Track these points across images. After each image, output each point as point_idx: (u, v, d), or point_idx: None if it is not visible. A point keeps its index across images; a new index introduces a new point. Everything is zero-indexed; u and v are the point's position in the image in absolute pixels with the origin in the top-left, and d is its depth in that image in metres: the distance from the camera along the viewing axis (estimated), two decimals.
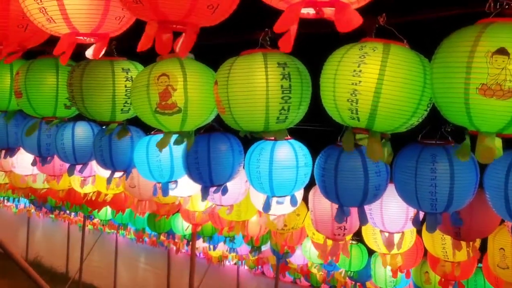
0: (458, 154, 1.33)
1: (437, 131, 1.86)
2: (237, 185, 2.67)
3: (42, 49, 2.16)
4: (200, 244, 6.51)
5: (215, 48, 2.02)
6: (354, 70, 1.34)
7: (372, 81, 1.32)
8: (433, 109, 1.45)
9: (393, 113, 1.35)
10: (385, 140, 1.46)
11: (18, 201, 8.92)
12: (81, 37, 1.35)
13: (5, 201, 10.92)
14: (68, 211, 8.83)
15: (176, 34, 1.28)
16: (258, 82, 1.54)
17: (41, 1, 1.29)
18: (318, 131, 2.63)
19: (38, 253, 12.82)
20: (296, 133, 2.18)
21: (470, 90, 1.17)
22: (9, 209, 12.70)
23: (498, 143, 1.22)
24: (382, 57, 1.32)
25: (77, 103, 1.97)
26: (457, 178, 1.71)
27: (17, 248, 12.81)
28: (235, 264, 9.06)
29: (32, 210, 11.69)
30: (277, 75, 1.55)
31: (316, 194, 2.56)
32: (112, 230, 10.12)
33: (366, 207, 2.27)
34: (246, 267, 8.90)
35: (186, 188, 2.80)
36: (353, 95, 1.34)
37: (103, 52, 1.36)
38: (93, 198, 4.08)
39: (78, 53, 1.63)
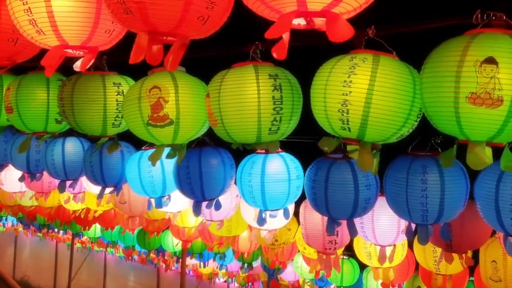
0: (442, 160, 1.34)
1: (427, 142, 1.87)
2: (228, 200, 2.65)
3: (33, 65, 2.16)
4: (190, 261, 6.43)
5: (206, 61, 2.03)
6: (345, 81, 1.35)
7: (363, 91, 1.33)
8: (422, 121, 1.47)
9: (384, 123, 1.36)
10: (376, 151, 1.47)
11: (6, 219, 8.76)
12: (70, 50, 1.35)
13: None
14: (56, 229, 8.70)
15: (168, 47, 1.28)
16: (250, 94, 1.55)
17: (31, 13, 1.29)
18: (309, 143, 2.63)
19: (25, 273, 12.58)
20: (287, 145, 2.19)
21: (460, 99, 1.18)
22: None
23: (488, 151, 1.23)
24: (372, 67, 1.34)
25: (68, 118, 1.96)
26: (448, 188, 1.72)
27: (4, 267, 12.58)
28: (225, 281, 8.96)
29: (20, 229, 11.49)
30: (268, 86, 1.56)
31: (307, 208, 2.56)
32: (101, 248, 9.98)
33: (358, 220, 2.28)
34: (236, 284, 8.79)
35: (175, 204, 2.78)
36: (344, 105, 1.35)
37: (90, 64, 1.35)
38: (82, 215, 4.03)
39: (67, 67, 1.63)
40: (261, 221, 2.17)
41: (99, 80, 1.94)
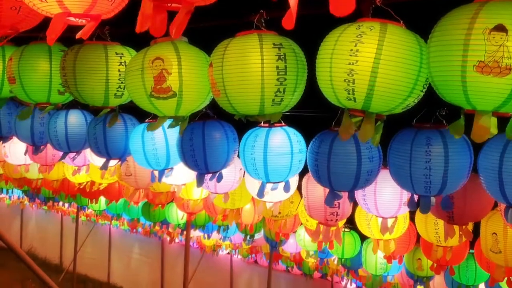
0: (451, 130, 1.33)
1: (432, 115, 1.86)
2: (232, 173, 2.67)
3: (35, 35, 2.14)
4: (193, 233, 6.51)
5: (209, 32, 2.00)
6: (351, 50, 1.33)
7: (369, 60, 1.32)
8: (428, 93, 1.46)
9: (390, 93, 1.35)
10: (380, 122, 1.46)
11: (12, 192, 8.84)
12: (73, 18, 1.33)
13: None
14: (61, 202, 8.78)
15: (171, 17, 1.26)
16: (253, 63, 1.53)
17: None
18: (312, 117, 2.63)
19: (32, 245, 12.80)
20: (291, 119, 2.18)
21: (467, 68, 1.17)
22: (2, 201, 12.61)
23: (493, 122, 1.22)
24: (379, 36, 1.32)
25: (70, 88, 1.95)
26: (452, 160, 1.72)
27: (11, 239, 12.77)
28: (228, 253, 9.09)
29: (26, 202, 11.62)
30: (272, 55, 1.54)
31: (309, 180, 2.57)
32: (106, 221, 10.10)
33: (360, 193, 2.30)
34: (239, 256, 8.93)
35: (180, 176, 2.80)
36: (350, 75, 1.33)
37: (92, 31, 1.33)
38: (87, 188, 4.06)
39: (69, 38, 1.61)
40: (260, 193, 2.18)
41: (101, 50, 1.92)
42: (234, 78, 1.55)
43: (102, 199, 5.91)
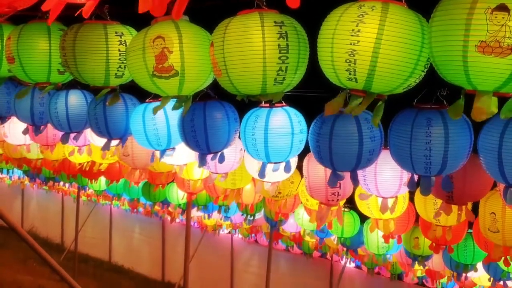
0: (450, 112, 1.34)
1: (432, 95, 1.86)
2: (232, 153, 2.68)
3: (34, 13, 2.11)
4: (194, 213, 6.56)
5: (210, 10, 1.98)
6: (353, 30, 1.32)
7: (371, 40, 1.31)
8: (428, 73, 1.45)
9: (391, 73, 1.34)
10: (381, 102, 1.46)
11: (12, 172, 8.89)
12: None
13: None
14: (62, 182, 8.82)
15: None
16: (255, 41, 1.51)
17: None
18: (314, 97, 2.62)
19: (33, 224, 12.89)
20: (292, 99, 2.18)
21: (469, 48, 1.16)
22: (3, 181, 12.66)
23: (494, 102, 1.22)
24: (380, 16, 1.31)
25: (70, 67, 1.94)
26: (452, 141, 1.72)
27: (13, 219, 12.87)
28: (229, 232, 9.17)
29: (26, 182, 11.66)
30: (274, 33, 1.52)
31: (310, 160, 2.58)
32: (106, 201, 10.15)
33: (360, 173, 2.30)
34: (240, 236, 9.01)
35: (181, 157, 2.81)
36: (351, 55, 1.33)
37: (93, 9, 1.32)
38: (87, 168, 4.07)
39: (68, 17, 1.59)
40: (262, 173, 2.19)
41: (101, 29, 1.91)
42: (235, 57, 1.54)
43: (103, 179, 5.94)
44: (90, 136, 3.21)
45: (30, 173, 7.21)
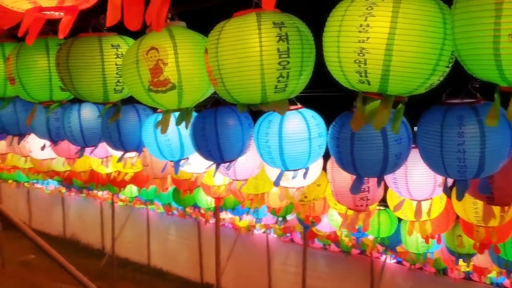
0: (487, 121, 1.13)
1: (463, 88, 1.64)
2: (251, 158, 2.55)
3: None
4: (227, 215, 6.51)
5: (210, 12, 1.84)
6: (361, 25, 1.14)
7: (382, 36, 1.13)
8: (457, 62, 1.25)
9: (409, 72, 1.15)
10: (401, 104, 1.27)
11: (48, 183, 9.08)
12: (48, 12, 1.20)
13: (35, 184, 11.20)
14: (95, 190, 8.96)
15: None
16: (251, 46, 1.36)
17: None
18: (332, 97, 2.44)
19: (74, 231, 13.20)
20: (308, 100, 2.01)
21: (501, 38, 0.96)
22: (41, 191, 13.01)
23: None
24: (393, 7, 1.12)
25: (67, 85, 1.84)
26: (489, 140, 1.51)
27: (54, 227, 13.24)
28: (264, 232, 9.07)
29: (63, 190, 11.94)
30: (272, 36, 1.36)
31: (334, 164, 2.40)
32: (142, 206, 10.26)
33: (390, 176, 2.12)
34: (275, 235, 8.89)
35: (199, 164, 2.72)
36: (361, 54, 1.14)
37: (70, 25, 1.19)
38: (115, 178, 4.09)
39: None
40: (277, 182, 2.05)
41: (95, 42, 1.79)
42: (230, 65, 1.39)
43: (133, 186, 5.98)
44: (109, 148, 3.18)
45: (64, 183, 7.34)
